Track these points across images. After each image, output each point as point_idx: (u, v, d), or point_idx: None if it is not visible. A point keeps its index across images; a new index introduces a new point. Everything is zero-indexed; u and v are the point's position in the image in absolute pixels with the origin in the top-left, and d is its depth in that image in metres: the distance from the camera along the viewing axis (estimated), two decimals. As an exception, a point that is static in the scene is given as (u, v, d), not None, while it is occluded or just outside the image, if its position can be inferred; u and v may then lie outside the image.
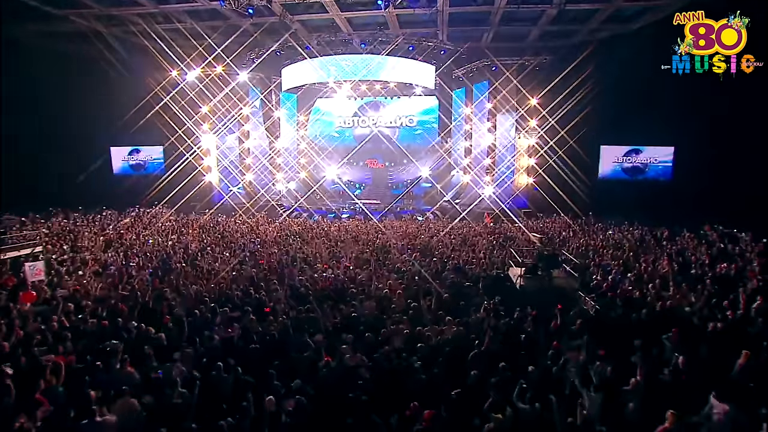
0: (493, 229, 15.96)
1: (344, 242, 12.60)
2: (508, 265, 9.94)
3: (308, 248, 11.96)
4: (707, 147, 18.26)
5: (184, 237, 13.16)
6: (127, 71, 22.34)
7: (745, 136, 16.82)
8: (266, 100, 24.54)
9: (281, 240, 13.16)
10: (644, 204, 19.32)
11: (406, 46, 19.94)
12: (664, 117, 19.45)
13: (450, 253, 11.18)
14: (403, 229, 15.61)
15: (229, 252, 11.11)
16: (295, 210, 22.13)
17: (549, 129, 21.21)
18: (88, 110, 21.84)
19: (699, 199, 17.54)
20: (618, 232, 14.29)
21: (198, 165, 23.26)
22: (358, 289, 8.14)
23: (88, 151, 24.16)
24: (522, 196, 22.65)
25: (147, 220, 16.77)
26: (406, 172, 28.26)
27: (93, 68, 22.04)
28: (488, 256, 10.73)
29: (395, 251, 11.41)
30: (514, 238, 13.23)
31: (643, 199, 20.75)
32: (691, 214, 15.82)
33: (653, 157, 22.37)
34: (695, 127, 18.31)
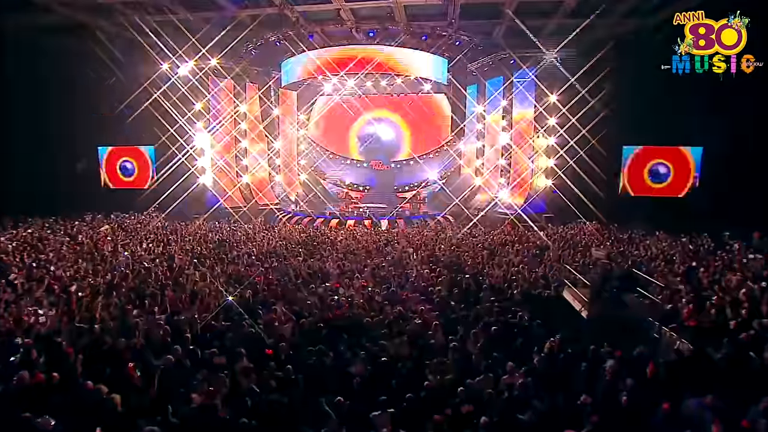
0: (519, 236, 14.29)
1: (355, 254, 10.91)
2: (556, 283, 8.26)
3: (313, 260, 10.28)
4: (737, 147, 16.74)
5: (171, 247, 11.44)
6: (116, 66, 20.65)
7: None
8: (264, 97, 22.85)
9: (281, 250, 11.48)
10: (669, 209, 17.90)
11: (415, 36, 18.32)
12: (690, 116, 17.99)
13: (482, 267, 9.52)
14: (418, 236, 13.94)
15: (220, 266, 9.42)
16: (295, 215, 20.46)
17: (568, 128, 19.69)
18: (74, 108, 20.28)
19: (728, 203, 16.04)
20: (661, 241, 12.64)
21: (191, 166, 21.52)
22: (381, 319, 6.46)
23: (74, 151, 22.49)
24: (539, 200, 21.04)
25: (132, 226, 15.05)
26: (413, 174, 26.66)
27: (78, 63, 20.42)
28: (528, 272, 9.06)
29: (416, 264, 9.74)
30: (549, 247, 11.55)
31: (667, 203, 19.32)
32: (720, 220, 14.24)
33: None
34: (724, 127, 16.85)
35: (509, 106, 21.22)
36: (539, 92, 19.85)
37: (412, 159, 26.11)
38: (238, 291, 7.41)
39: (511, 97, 20.98)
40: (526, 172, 20.73)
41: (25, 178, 19.40)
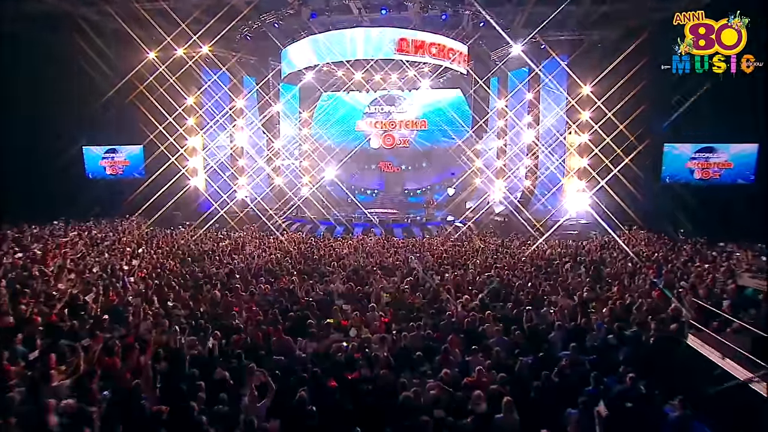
0: (566, 248, 11.89)
1: (369, 272, 8.52)
2: (676, 322, 5.70)
3: (314, 282, 7.94)
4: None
5: (130, 264, 9.13)
6: (102, 60, 18.57)
7: None
8: (262, 92, 20.64)
9: (275, 266, 9.16)
10: (719, 213, 15.67)
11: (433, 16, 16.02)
12: (744, 108, 15.63)
13: (539, 292, 7.12)
14: (441, 249, 11.55)
15: (189, 292, 7.10)
16: (296, 221, 18.17)
17: (603, 124, 17.32)
18: (57, 105, 18.54)
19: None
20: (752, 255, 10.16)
21: (182, 167, 19.30)
22: (425, 391, 4.11)
23: (57, 151, 20.46)
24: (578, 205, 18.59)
25: (102, 235, 12.81)
26: (425, 177, 24.38)
27: (62, 56, 18.46)
28: (618, 300, 6.57)
29: (446, 287, 7.35)
30: (638, 268, 8.94)
31: (717, 207, 16.89)
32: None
33: (731, 156, 18.35)
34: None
35: (536, 99, 18.86)
36: (571, 83, 17.53)
37: (425, 160, 23.88)
38: (199, 338, 5.06)
39: (538, 89, 18.65)
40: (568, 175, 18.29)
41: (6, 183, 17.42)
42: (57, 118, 18.98)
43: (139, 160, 21.61)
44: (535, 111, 19.07)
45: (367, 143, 23.88)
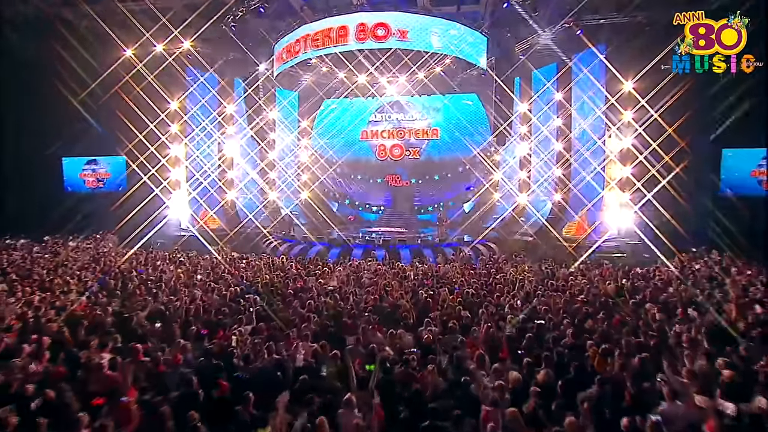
0: (628, 276, 8.94)
1: (366, 334, 5.49)
2: None
3: (271, 337, 5.14)
4: None
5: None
6: (79, 63, 16.65)
7: None
8: (253, 95, 18.40)
9: (221, 309, 6.34)
10: None
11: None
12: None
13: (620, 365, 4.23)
14: (461, 279, 8.64)
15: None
16: (286, 241, 15.50)
17: (648, 126, 14.47)
18: (34, 114, 17.24)
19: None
20: None
21: (163, 179, 16.99)
22: None
23: (33, 163, 18.53)
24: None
25: (42, 254, 10.34)
26: (438, 191, 21.68)
27: (38, 62, 16.71)
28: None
29: (481, 353, 4.50)
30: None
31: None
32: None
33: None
34: None
35: (566, 99, 16.17)
36: (609, 77, 14.80)
37: (437, 173, 21.23)
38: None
39: (569, 87, 15.97)
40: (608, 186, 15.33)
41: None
42: (33, 128, 17.44)
43: (121, 171, 19.43)
44: (566, 113, 16.35)
45: (373, 154, 21.42)
